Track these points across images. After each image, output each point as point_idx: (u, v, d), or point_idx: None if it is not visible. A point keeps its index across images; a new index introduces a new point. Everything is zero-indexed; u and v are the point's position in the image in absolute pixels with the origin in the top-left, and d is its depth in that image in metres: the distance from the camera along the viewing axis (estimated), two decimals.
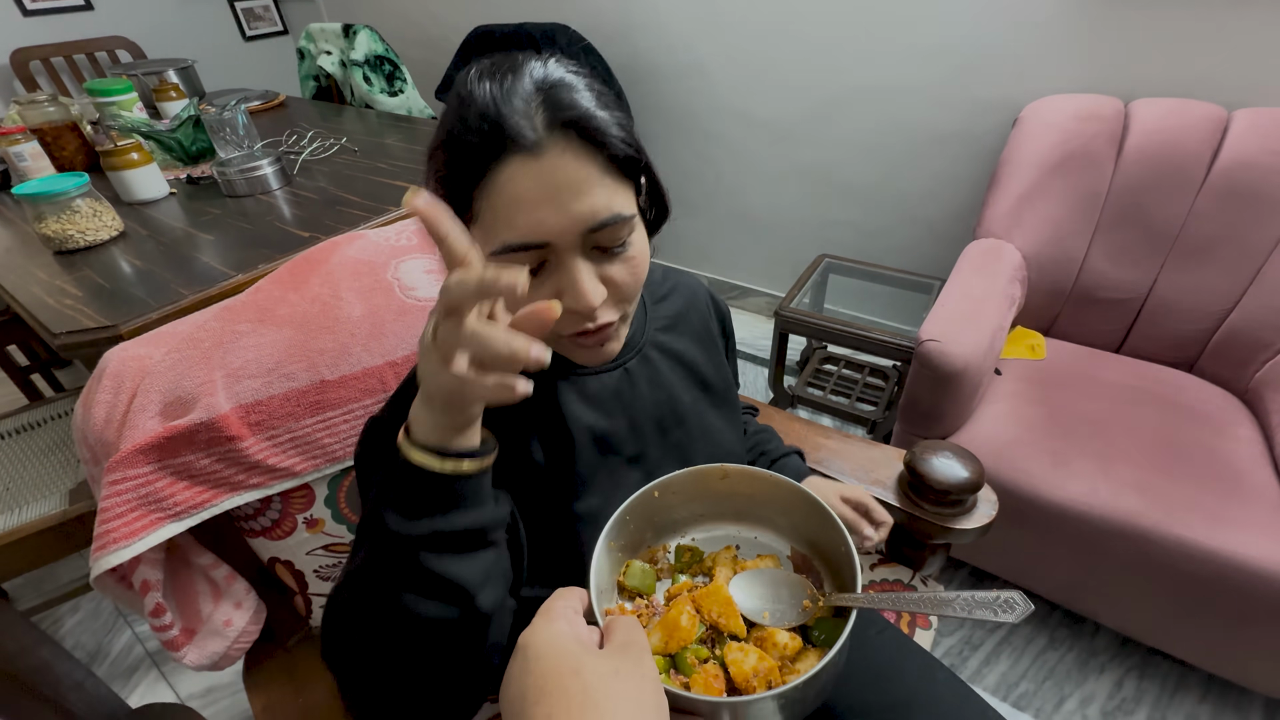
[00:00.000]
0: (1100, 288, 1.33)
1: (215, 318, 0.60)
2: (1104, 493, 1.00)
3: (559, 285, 0.41)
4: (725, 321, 0.68)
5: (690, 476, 0.47)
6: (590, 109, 0.40)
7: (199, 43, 2.78)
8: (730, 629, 0.41)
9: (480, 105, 0.39)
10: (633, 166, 0.43)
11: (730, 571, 0.45)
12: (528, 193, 0.38)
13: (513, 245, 0.39)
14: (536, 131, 0.38)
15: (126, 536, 0.52)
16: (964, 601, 0.36)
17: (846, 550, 0.42)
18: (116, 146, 1.27)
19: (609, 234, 0.41)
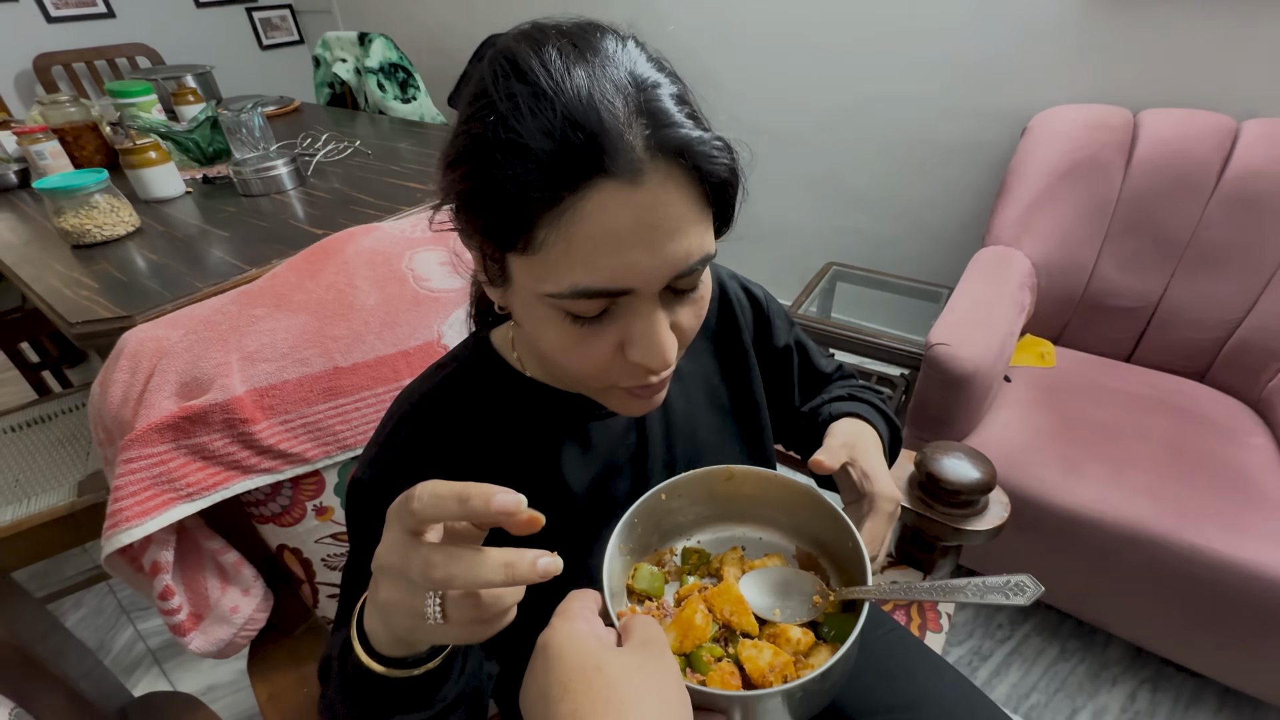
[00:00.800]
0: (1110, 296, 1.32)
1: (233, 301, 0.61)
2: (1116, 499, 0.99)
3: (627, 334, 0.35)
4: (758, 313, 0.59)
5: (697, 478, 0.46)
6: (696, 133, 0.32)
7: (217, 51, 2.83)
8: (743, 627, 0.41)
9: (569, 103, 0.30)
10: (726, 194, 0.36)
11: (739, 571, 0.45)
12: (621, 229, 0.31)
13: (589, 290, 0.32)
14: (639, 151, 0.30)
15: (139, 515, 0.52)
16: (975, 587, 0.36)
17: (854, 545, 0.41)
18: (135, 145, 1.29)
19: (691, 278, 0.36)
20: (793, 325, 0.62)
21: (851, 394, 0.59)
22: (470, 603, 0.28)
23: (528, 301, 0.36)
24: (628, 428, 0.51)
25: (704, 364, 0.56)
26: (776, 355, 0.60)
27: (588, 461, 0.49)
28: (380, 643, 0.33)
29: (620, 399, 0.41)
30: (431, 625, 0.28)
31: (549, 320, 0.36)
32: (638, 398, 0.41)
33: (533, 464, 0.47)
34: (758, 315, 0.58)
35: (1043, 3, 1.37)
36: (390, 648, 0.33)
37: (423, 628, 0.29)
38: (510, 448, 0.47)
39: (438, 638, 0.29)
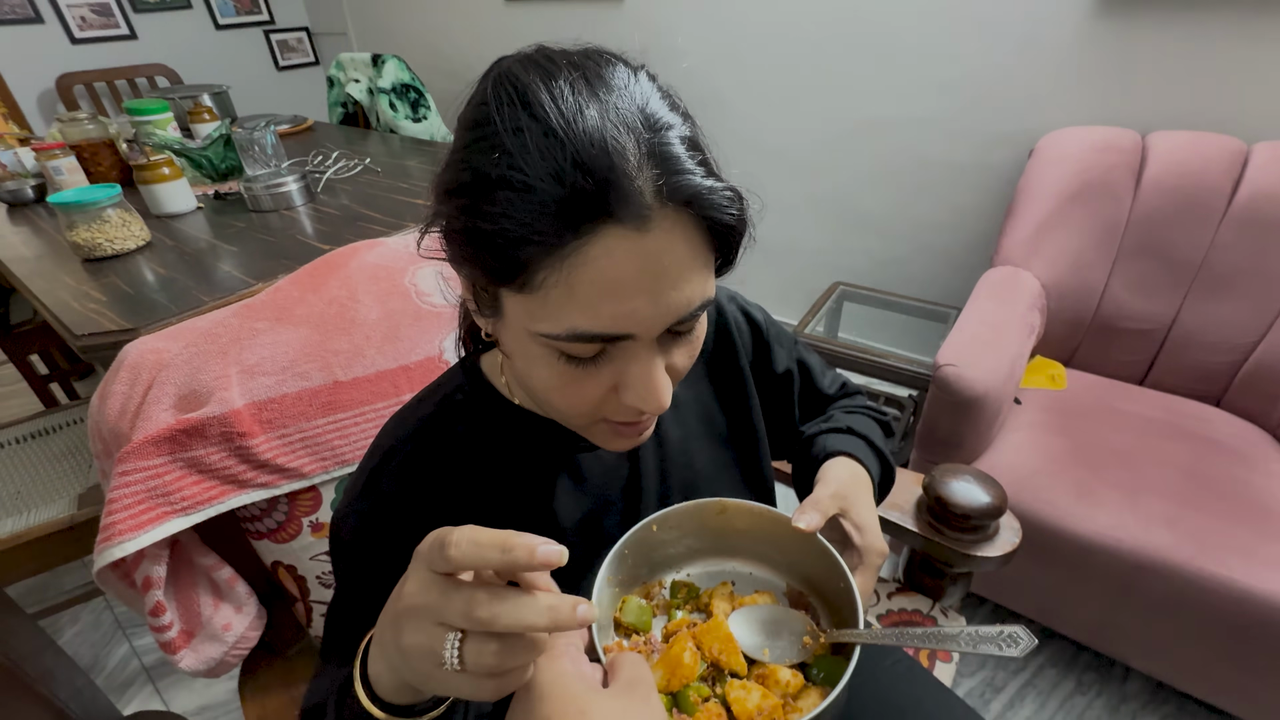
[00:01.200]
0: (1121, 318, 1.31)
1: (234, 314, 0.61)
2: (1132, 526, 0.96)
3: (622, 378, 0.35)
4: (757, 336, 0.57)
5: (689, 511, 0.45)
6: (706, 182, 0.31)
7: (235, 72, 2.89)
8: (731, 666, 0.40)
9: (584, 145, 0.28)
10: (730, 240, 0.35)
11: (728, 606, 0.44)
12: (625, 277, 0.30)
13: (587, 335, 0.31)
14: (648, 198, 0.29)
15: (132, 529, 0.51)
16: (968, 636, 0.36)
17: (846, 586, 0.40)
18: (149, 161, 1.31)
19: (690, 322, 0.35)
20: (796, 344, 0.61)
21: (850, 427, 0.57)
22: (492, 650, 0.27)
23: (519, 337, 0.35)
24: (620, 459, 0.49)
25: (700, 391, 0.54)
26: (776, 380, 0.58)
27: (579, 494, 0.47)
28: (385, 688, 0.31)
29: (605, 435, 0.40)
30: (446, 672, 0.27)
31: (541, 359, 0.34)
32: (623, 435, 0.40)
33: (522, 496, 0.46)
34: (757, 340, 0.57)
35: (1049, 26, 1.38)
36: (395, 694, 0.31)
37: (437, 675, 0.27)
38: (500, 479, 0.45)
39: (450, 688, 0.27)
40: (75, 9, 2.49)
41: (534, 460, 0.46)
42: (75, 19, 2.51)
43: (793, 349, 0.60)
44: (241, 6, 2.96)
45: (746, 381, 0.55)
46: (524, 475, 0.46)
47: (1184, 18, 1.24)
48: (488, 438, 0.45)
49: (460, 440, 0.45)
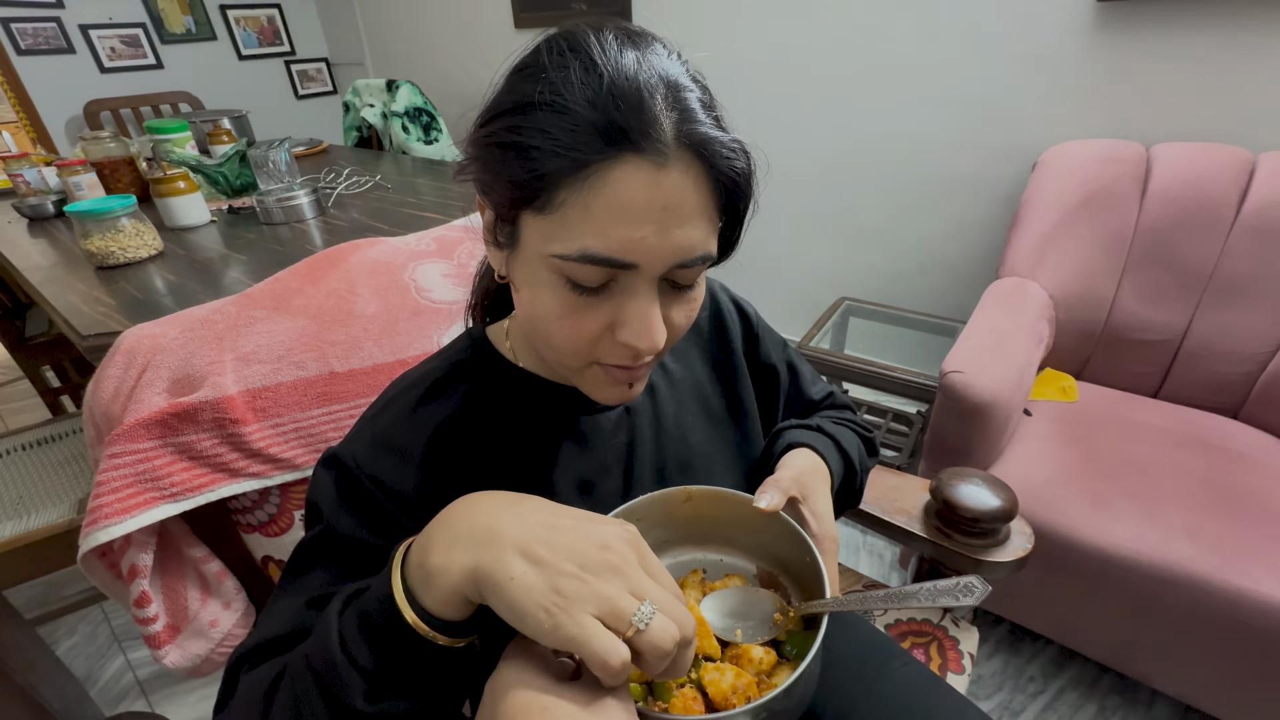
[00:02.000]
0: (1133, 329, 1.29)
1: (232, 303, 0.61)
2: (1151, 537, 0.93)
3: (621, 314, 0.36)
4: (746, 325, 0.59)
5: (655, 501, 0.46)
6: (716, 132, 0.35)
7: (256, 100, 2.99)
8: (705, 650, 0.40)
9: (616, 79, 0.32)
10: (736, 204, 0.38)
11: (699, 594, 0.45)
12: (639, 204, 0.32)
13: (596, 257, 0.33)
14: (668, 139, 0.32)
15: (119, 513, 0.51)
16: (927, 592, 0.38)
17: (811, 560, 0.41)
18: (165, 175, 1.34)
19: (691, 272, 0.37)
20: (786, 347, 0.63)
21: (820, 426, 0.56)
22: (673, 637, 0.28)
23: (531, 264, 0.37)
24: (618, 425, 0.50)
25: (695, 370, 0.55)
26: (763, 370, 0.59)
27: (578, 457, 0.48)
28: (442, 587, 0.29)
29: (598, 381, 0.41)
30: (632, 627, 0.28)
31: (549, 285, 0.36)
32: (616, 382, 0.40)
33: (523, 455, 0.46)
34: (747, 329, 0.59)
35: (1049, 41, 1.40)
36: (447, 599, 0.29)
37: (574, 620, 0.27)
38: (501, 437, 0.46)
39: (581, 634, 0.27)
40: (106, 40, 2.60)
41: (536, 420, 0.47)
42: (105, 50, 2.61)
43: (783, 350, 0.62)
44: (264, 38, 3.07)
45: (739, 364, 0.57)
46: (526, 435, 0.46)
47: (1184, 30, 1.25)
48: (491, 397, 0.46)
49: (462, 396, 0.46)
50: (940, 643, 0.78)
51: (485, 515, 0.31)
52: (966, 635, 0.79)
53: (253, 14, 3.00)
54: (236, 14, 2.95)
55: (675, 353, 0.55)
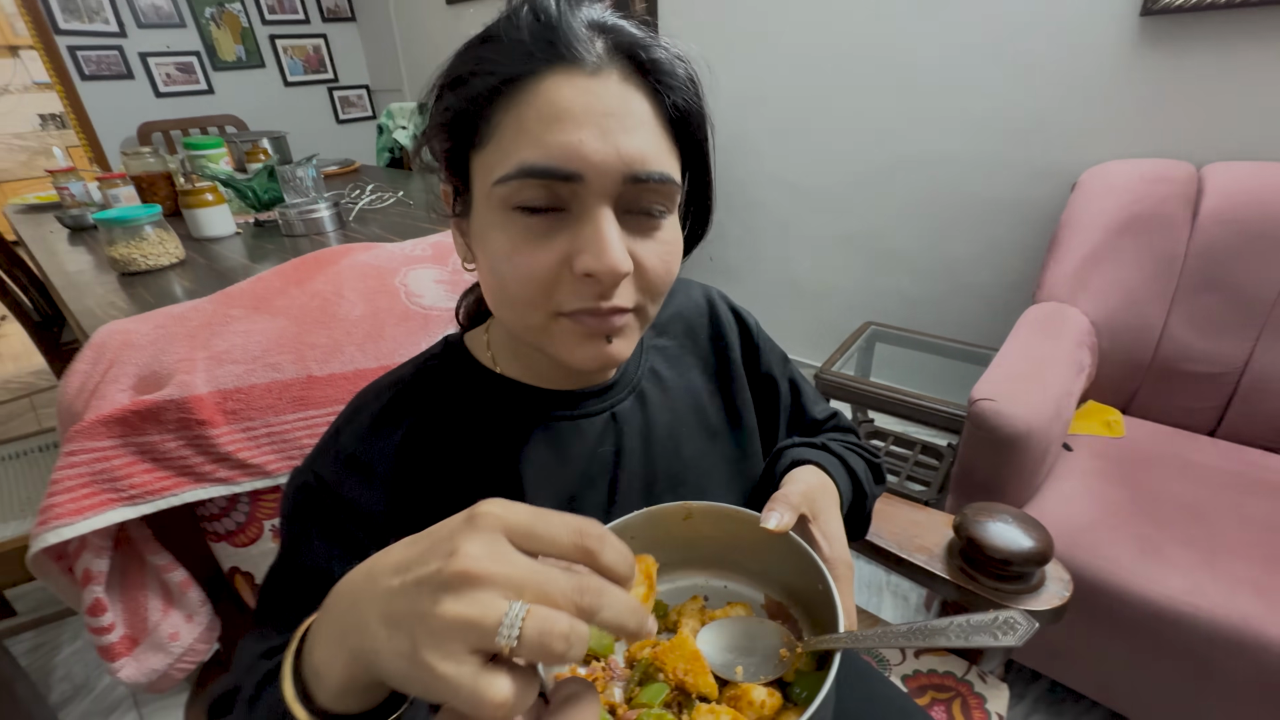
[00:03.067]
0: (1185, 360, 1.18)
1: (210, 300, 0.59)
2: (1211, 591, 0.83)
3: (575, 243, 0.33)
4: (745, 335, 0.56)
5: (651, 517, 0.41)
6: (666, 59, 0.34)
7: (298, 123, 3.12)
8: (699, 689, 0.35)
9: (539, 6, 0.33)
10: (688, 132, 0.37)
11: (698, 623, 0.40)
12: (572, 109, 0.31)
13: (534, 168, 0.32)
14: (598, 51, 0.33)
15: (71, 514, 0.49)
16: (958, 628, 0.32)
17: (825, 589, 0.36)
18: (194, 187, 1.38)
19: (649, 194, 0.34)
20: (787, 362, 0.59)
21: (826, 444, 0.52)
22: (561, 632, 0.22)
23: (480, 213, 0.36)
24: (604, 433, 0.45)
25: (691, 378, 0.51)
26: (763, 381, 0.55)
27: (558, 469, 0.44)
28: (330, 684, 0.25)
29: (570, 337, 0.36)
30: (462, 661, 0.21)
31: (498, 225, 0.35)
32: (590, 335, 0.36)
33: (495, 467, 0.43)
34: (746, 338, 0.55)
35: (1088, 59, 1.34)
36: (341, 694, 0.25)
37: (450, 661, 0.21)
38: (472, 448, 0.43)
39: (448, 684, 0.21)
40: (162, 67, 2.76)
41: (511, 428, 0.43)
42: (161, 75, 2.77)
43: (784, 365, 0.58)
44: (309, 66, 3.22)
45: (737, 375, 0.53)
46: (500, 444, 0.43)
47: (1237, 43, 1.17)
48: (463, 404, 0.43)
49: (436, 402, 0.43)
50: (965, 700, 0.69)
51: (351, 586, 0.26)
52: (995, 693, 0.71)
53: (300, 43, 3.15)
54: (285, 43, 3.09)
55: (669, 358, 0.51)
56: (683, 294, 0.54)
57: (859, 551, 0.74)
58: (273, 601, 0.41)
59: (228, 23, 2.90)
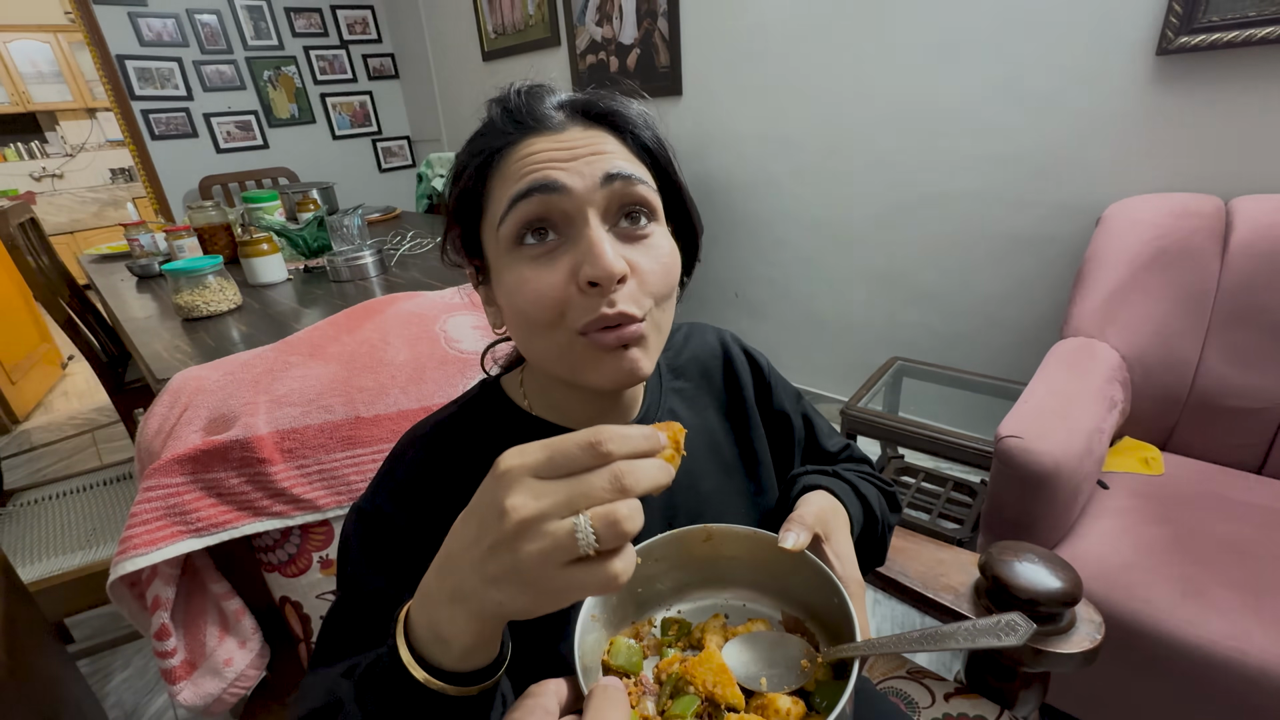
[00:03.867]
0: (1225, 395, 1.16)
1: (272, 348, 0.65)
2: (1259, 636, 0.80)
3: (575, 260, 0.37)
4: (758, 374, 0.58)
5: (673, 540, 0.44)
6: (618, 106, 0.41)
7: (344, 173, 3.31)
8: (728, 700, 0.37)
9: (509, 100, 0.41)
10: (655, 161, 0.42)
11: (721, 639, 0.42)
12: (541, 153, 0.38)
13: (520, 192, 0.37)
14: (560, 117, 0.40)
15: (147, 544, 0.53)
16: (965, 631, 0.35)
17: (840, 602, 0.39)
18: (252, 238, 1.49)
19: (628, 193, 0.38)
20: (800, 399, 0.61)
21: (837, 472, 0.56)
22: (624, 514, 0.26)
23: (497, 267, 0.41)
24: None
25: (707, 419, 0.54)
26: (776, 418, 0.58)
27: None
28: (459, 646, 0.30)
29: (590, 357, 0.39)
30: (572, 570, 0.26)
31: (509, 268, 0.39)
32: (607, 349, 0.38)
33: None
34: (758, 377, 0.58)
35: (1106, 96, 1.35)
36: (461, 659, 0.30)
37: (560, 580, 0.26)
38: None
39: (569, 591, 0.27)
40: (223, 125, 2.98)
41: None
42: (222, 133, 2.99)
43: (796, 402, 0.60)
44: (356, 120, 3.43)
45: (751, 413, 0.55)
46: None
47: (1255, 78, 1.18)
48: (499, 440, 0.45)
49: (474, 441, 0.47)
50: None
51: (440, 574, 0.31)
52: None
53: (347, 100, 3.37)
54: (334, 101, 3.32)
55: (687, 399, 0.54)
56: (698, 338, 0.57)
57: (885, 590, 0.75)
58: (337, 634, 0.43)
59: (283, 84, 3.13)
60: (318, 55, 3.22)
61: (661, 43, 2.14)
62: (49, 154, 4.82)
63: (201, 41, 2.87)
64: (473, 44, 2.95)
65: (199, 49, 2.87)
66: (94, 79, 4.55)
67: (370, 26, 3.38)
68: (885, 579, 0.75)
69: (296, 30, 3.13)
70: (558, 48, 2.55)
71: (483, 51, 2.92)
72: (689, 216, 0.47)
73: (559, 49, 2.55)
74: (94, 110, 4.84)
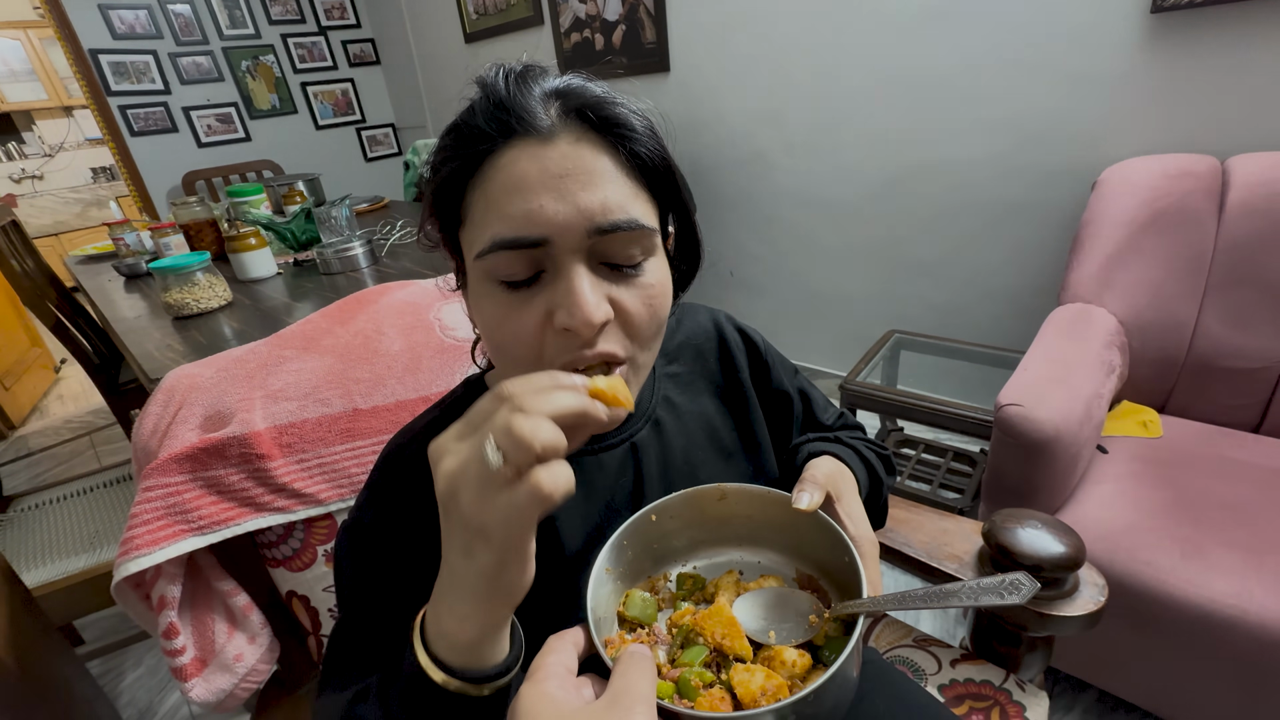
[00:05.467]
0: (1221, 356, 1.16)
1: (265, 343, 0.64)
2: (1259, 594, 0.81)
3: (552, 299, 0.35)
4: (754, 354, 0.56)
5: (689, 498, 0.46)
6: (611, 98, 0.36)
7: (329, 164, 3.26)
8: (736, 651, 0.39)
9: (494, 90, 0.36)
10: (656, 175, 0.38)
11: (733, 594, 0.44)
12: (528, 176, 0.33)
13: (503, 240, 0.33)
14: (550, 118, 0.34)
15: (149, 544, 0.53)
16: (969, 590, 0.35)
17: (850, 560, 0.40)
18: (239, 233, 1.46)
19: (620, 242, 0.35)
20: (796, 374, 0.60)
21: (839, 438, 0.56)
22: (508, 431, 0.27)
23: (473, 284, 0.38)
24: (623, 465, 0.48)
25: (703, 404, 0.54)
26: (775, 396, 0.57)
27: (583, 501, 0.46)
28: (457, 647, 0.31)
29: None
30: (498, 492, 0.27)
31: (487, 296, 0.37)
32: None
33: None
34: (755, 357, 0.57)
35: (1097, 59, 1.34)
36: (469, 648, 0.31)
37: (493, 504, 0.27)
38: None
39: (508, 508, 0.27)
40: (203, 119, 2.93)
41: None
42: (203, 127, 2.93)
43: (793, 377, 0.60)
44: (338, 109, 3.37)
45: (749, 395, 0.55)
46: None
47: (1250, 35, 1.16)
48: None
49: None
50: (1003, 709, 0.69)
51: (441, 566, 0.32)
52: (1035, 701, 0.70)
53: (329, 88, 3.30)
54: (315, 89, 3.25)
55: (681, 384, 0.53)
56: (690, 320, 0.56)
57: (890, 560, 0.75)
58: (343, 654, 0.43)
59: (262, 74, 3.07)
60: (296, 43, 3.15)
61: (647, 18, 2.10)
62: (27, 155, 4.73)
63: (176, 32, 2.80)
64: (454, 26, 2.89)
65: (174, 40, 2.80)
66: (68, 76, 4.44)
67: (349, 11, 3.30)
68: (890, 549, 0.75)
69: (273, 18, 3.05)
70: (541, 26, 2.50)
71: (465, 33, 2.86)
72: (691, 233, 0.44)
73: (543, 28, 2.50)
74: (70, 108, 4.74)
